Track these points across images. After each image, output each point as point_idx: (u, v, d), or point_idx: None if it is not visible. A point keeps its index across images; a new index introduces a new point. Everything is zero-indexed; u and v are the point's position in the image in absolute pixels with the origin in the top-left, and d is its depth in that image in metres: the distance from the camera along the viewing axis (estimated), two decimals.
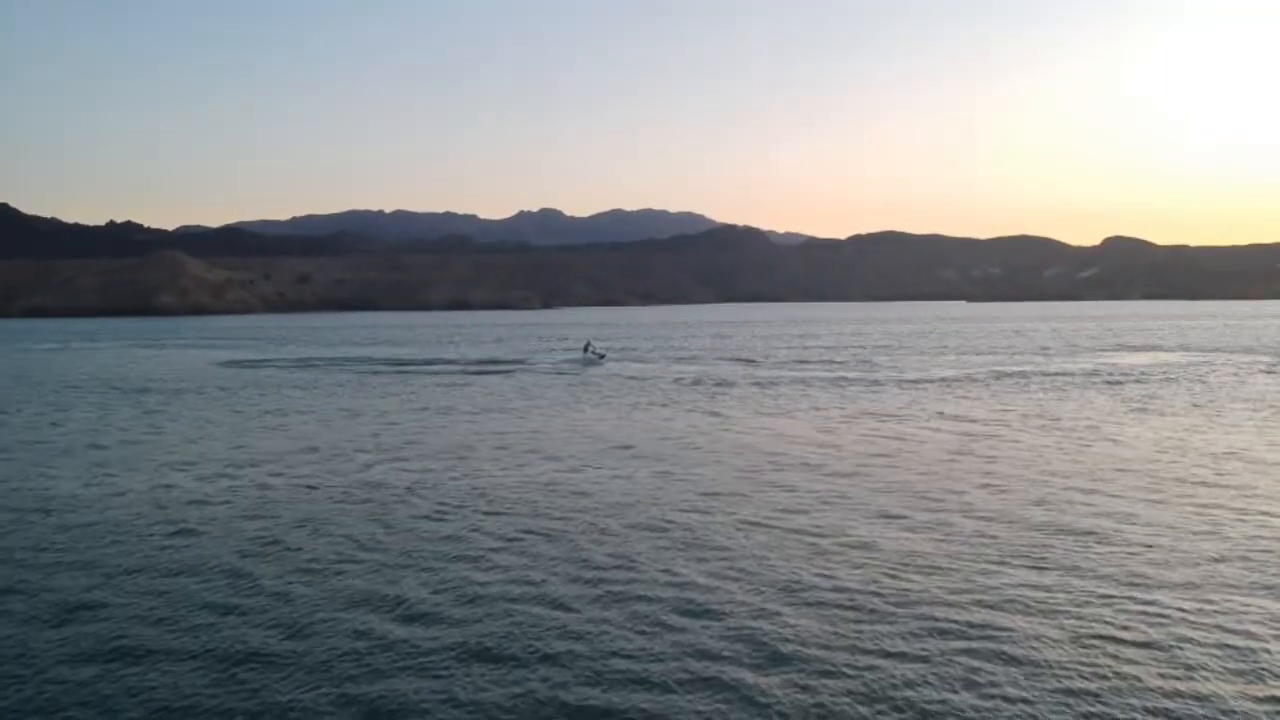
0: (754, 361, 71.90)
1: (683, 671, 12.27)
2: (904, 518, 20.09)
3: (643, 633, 13.63)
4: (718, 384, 52.65)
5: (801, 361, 71.30)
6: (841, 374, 58.87)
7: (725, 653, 12.86)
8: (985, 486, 23.22)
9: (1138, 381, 50.83)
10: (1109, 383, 50.45)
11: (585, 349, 76.93)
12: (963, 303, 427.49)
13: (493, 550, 18.01)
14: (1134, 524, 19.32)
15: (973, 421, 35.72)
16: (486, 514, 20.96)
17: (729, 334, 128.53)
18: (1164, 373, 56.21)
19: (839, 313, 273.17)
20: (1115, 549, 17.56)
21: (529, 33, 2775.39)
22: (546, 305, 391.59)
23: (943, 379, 54.00)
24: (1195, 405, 39.92)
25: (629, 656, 12.77)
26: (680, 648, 13.04)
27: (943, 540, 18.31)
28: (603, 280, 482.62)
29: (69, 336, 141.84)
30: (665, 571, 16.52)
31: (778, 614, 14.34)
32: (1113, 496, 21.98)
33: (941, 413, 38.33)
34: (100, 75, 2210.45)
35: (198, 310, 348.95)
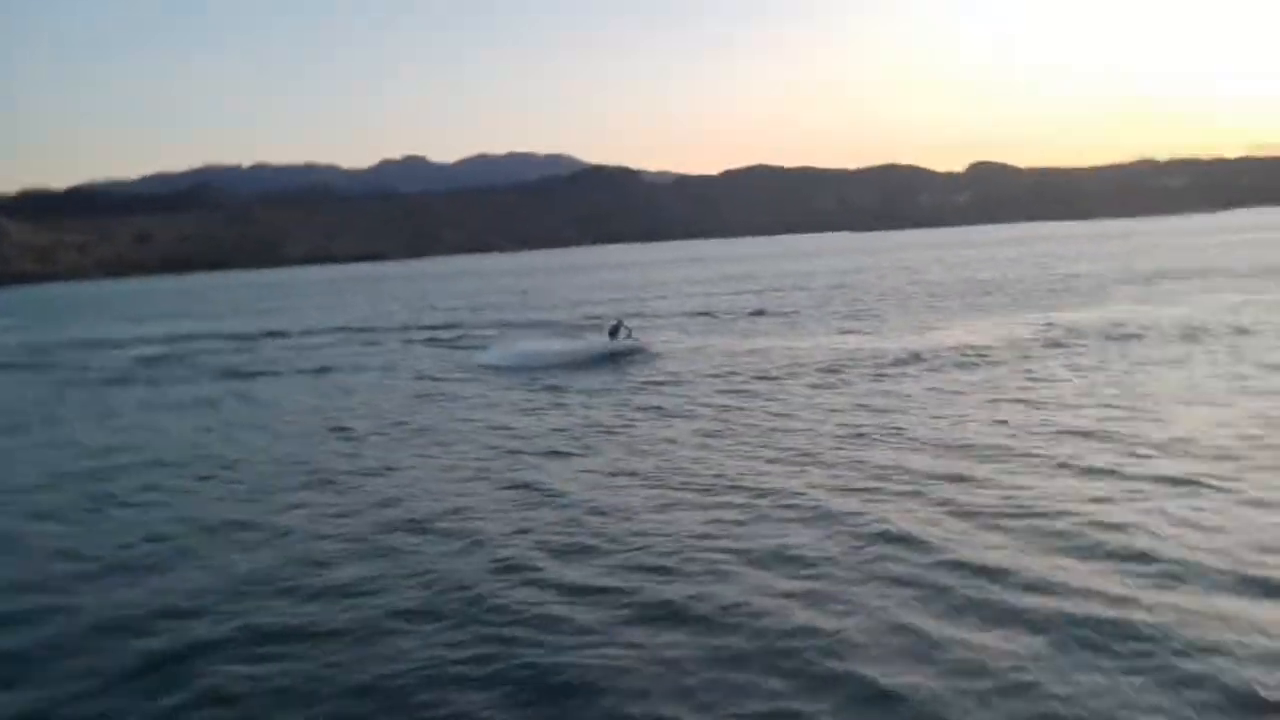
0: (705, 314, 52.62)
1: None
2: None
3: None
4: (664, 381, 32.55)
5: (747, 322, 52.40)
6: (819, 335, 39.91)
7: None
8: None
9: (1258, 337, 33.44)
10: (1230, 341, 32.84)
11: (614, 332, 38.48)
12: (846, 233, 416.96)
13: None
14: None
15: (1149, 455, 17.29)
16: None
17: (631, 283, 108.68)
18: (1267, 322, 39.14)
19: (730, 249, 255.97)
20: None
21: None
22: (415, 254, 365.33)
23: (979, 353, 33.45)
24: None
25: None
26: None
27: None
28: (474, 227, 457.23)
29: None
30: None
31: None
32: None
33: (1094, 467, 19.51)
34: None
35: (21, 278, 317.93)
